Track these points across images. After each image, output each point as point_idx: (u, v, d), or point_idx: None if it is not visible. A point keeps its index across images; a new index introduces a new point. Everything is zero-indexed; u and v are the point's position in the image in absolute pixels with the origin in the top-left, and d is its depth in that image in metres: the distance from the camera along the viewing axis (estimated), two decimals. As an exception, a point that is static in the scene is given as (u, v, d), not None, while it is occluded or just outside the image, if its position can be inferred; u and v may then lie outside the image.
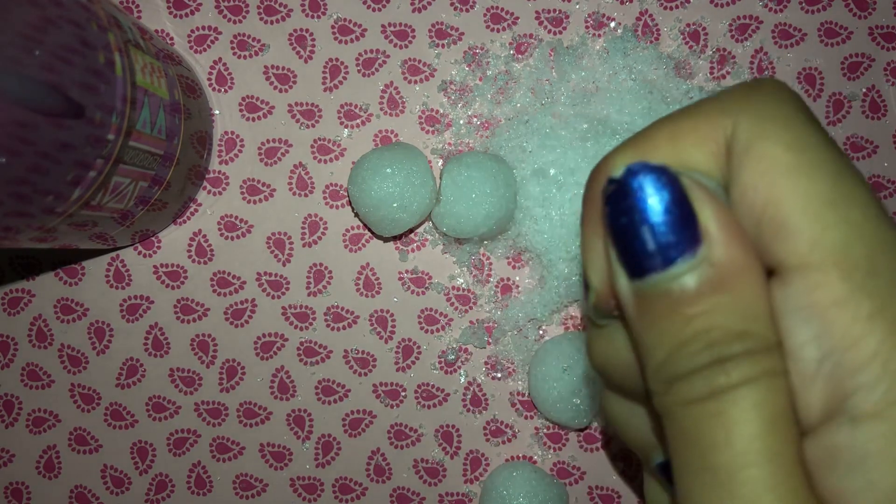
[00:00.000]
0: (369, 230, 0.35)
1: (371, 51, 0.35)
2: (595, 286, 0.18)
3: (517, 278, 0.35)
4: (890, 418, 0.14)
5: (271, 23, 0.35)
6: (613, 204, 0.16)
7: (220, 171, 0.36)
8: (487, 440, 0.35)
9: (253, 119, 0.36)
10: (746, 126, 0.16)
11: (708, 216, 0.16)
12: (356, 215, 0.35)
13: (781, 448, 0.15)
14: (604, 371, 0.19)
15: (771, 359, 0.15)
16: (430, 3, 0.35)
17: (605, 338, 0.19)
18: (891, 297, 0.15)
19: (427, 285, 0.35)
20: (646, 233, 0.16)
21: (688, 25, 0.35)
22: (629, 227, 0.16)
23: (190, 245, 0.36)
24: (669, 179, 0.16)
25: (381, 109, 0.35)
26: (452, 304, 0.35)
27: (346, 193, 0.35)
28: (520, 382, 0.35)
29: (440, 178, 0.33)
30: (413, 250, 0.35)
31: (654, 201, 0.16)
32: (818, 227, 0.15)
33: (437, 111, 0.35)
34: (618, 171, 0.16)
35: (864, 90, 0.35)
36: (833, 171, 0.16)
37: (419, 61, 0.35)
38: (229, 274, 0.36)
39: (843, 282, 0.15)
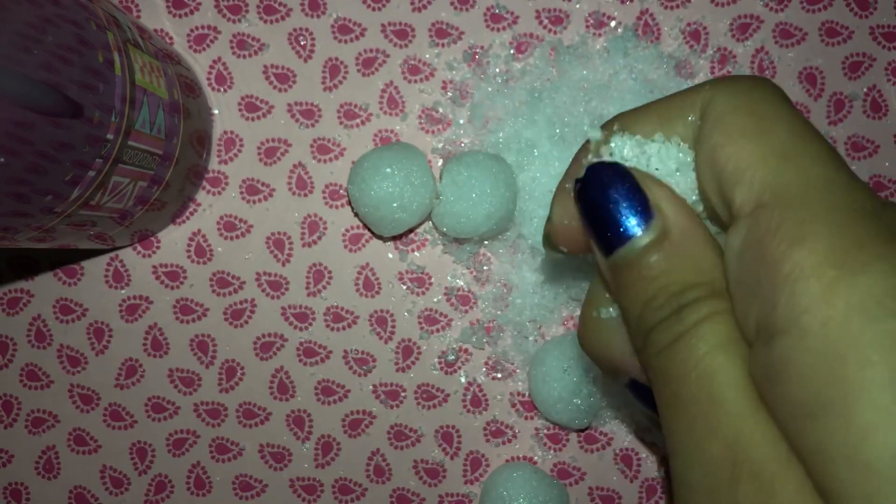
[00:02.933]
0: (369, 230, 0.35)
1: (371, 50, 0.35)
2: (553, 219, 0.22)
3: (517, 278, 0.35)
4: (795, 334, 0.16)
5: (271, 22, 0.35)
6: (582, 198, 0.20)
7: (219, 171, 0.36)
8: (487, 441, 0.35)
9: (252, 119, 0.36)
10: (722, 99, 0.19)
11: (657, 195, 0.19)
12: (356, 215, 0.35)
13: (733, 364, 0.17)
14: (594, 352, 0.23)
15: (717, 301, 0.18)
16: (430, 3, 0.35)
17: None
18: (816, 223, 0.17)
19: (427, 285, 0.35)
20: (610, 216, 0.20)
21: (688, 25, 0.35)
22: (597, 215, 0.20)
23: (189, 245, 0.36)
24: (621, 171, 0.20)
25: (381, 109, 0.35)
26: (452, 304, 0.35)
27: (345, 193, 0.35)
28: (520, 383, 0.35)
29: (440, 178, 0.33)
30: (413, 250, 0.35)
31: (613, 190, 0.20)
32: (768, 173, 0.18)
33: (437, 111, 0.35)
34: (580, 172, 0.20)
35: (865, 90, 0.35)
36: (790, 132, 0.18)
37: (419, 61, 0.35)
38: (228, 274, 0.36)
39: (779, 213, 0.17)
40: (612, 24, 0.35)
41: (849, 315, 0.15)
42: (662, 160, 0.21)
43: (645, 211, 0.19)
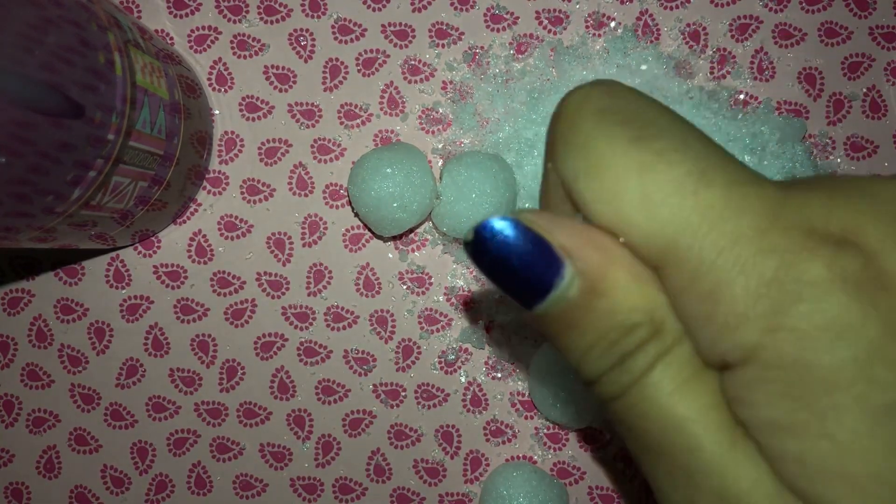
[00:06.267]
0: (369, 230, 0.35)
1: (371, 51, 0.35)
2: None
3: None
4: (754, 365, 0.16)
5: (271, 23, 0.35)
6: (479, 261, 0.18)
7: (219, 171, 0.36)
8: (487, 440, 0.35)
9: (253, 119, 0.36)
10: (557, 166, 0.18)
11: (562, 239, 0.17)
12: (356, 215, 0.35)
13: (697, 405, 0.16)
14: None
15: (661, 339, 0.17)
16: (430, 3, 0.35)
17: None
18: (724, 276, 0.16)
19: (427, 285, 0.35)
20: (516, 274, 0.17)
21: (688, 25, 0.35)
22: (502, 275, 0.17)
23: (190, 245, 0.36)
24: (513, 223, 0.17)
25: (381, 109, 0.35)
26: (452, 304, 0.35)
27: (346, 193, 0.35)
28: (520, 382, 0.35)
29: (440, 178, 0.33)
30: (413, 250, 0.35)
31: (510, 246, 0.17)
32: (651, 241, 0.17)
33: (437, 111, 0.35)
34: (468, 235, 0.18)
35: (864, 90, 0.35)
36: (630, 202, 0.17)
37: (419, 61, 0.35)
38: (229, 274, 0.36)
39: (683, 274, 0.16)
40: (612, 24, 0.35)
41: (803, 346, 0.15)
42: None
43: (554, 260, 0.17)
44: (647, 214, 0.16)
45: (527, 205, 0.34)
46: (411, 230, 0.35)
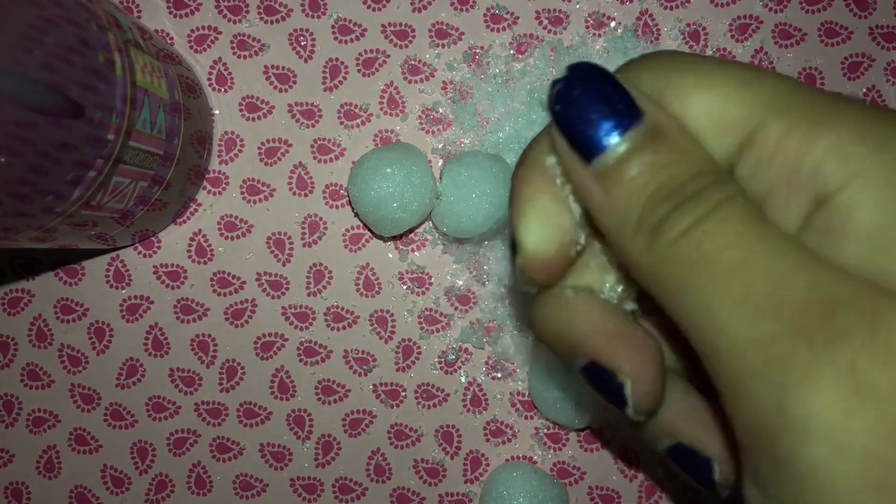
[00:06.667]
0: (369, 230, 0.35)
1: (371, 51, 0.35)
2: (528, 247, 0.20)
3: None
4: (853, 185, 0.17)
5: (271, 22, 0.35)
6: (563, 99, 0.19)
7: (219, 171, 0.36)
8: (487, 440, 0.35)
9: (253, 119, 0.36)
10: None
11: (640, 95, 0.18)
12: (356, 215, 0.35)
13: (774, 226, 0.17)
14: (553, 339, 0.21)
15: (726, 186, 0.18)
16: (430, 3, 0.35)
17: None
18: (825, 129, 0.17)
19: (427, 285, 0.35)
20: (603, 110, 0.18)
21: (688, 25, 0.35)
22: (585, 114, 0.18)
23: (190, 245, 0.36)
24: (603, 71, 0.19)
25: (381, 109, 0.35)
26: (452, 304, 0.35)
27: (346, 193, 0.35)
28: (520, 382, 0.35)
29: (440, 179, 0.33)
30: (413, 250, 0.35)
31: (600, 88, 0.18)
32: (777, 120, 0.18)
33: (437, 111, 0.35)
34: (564, 72, 0.19)
35: (864, 90, 0.35)
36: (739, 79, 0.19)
37: (419, 61, 0.35)
38: (229, 274, 0.36)
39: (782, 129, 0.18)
40: (612, 24, 0.35)
41: None
42: None
43: (635, 109, 0.18)
44: (743, 91, 0.18)
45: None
46: (411, 230, 0.35)
